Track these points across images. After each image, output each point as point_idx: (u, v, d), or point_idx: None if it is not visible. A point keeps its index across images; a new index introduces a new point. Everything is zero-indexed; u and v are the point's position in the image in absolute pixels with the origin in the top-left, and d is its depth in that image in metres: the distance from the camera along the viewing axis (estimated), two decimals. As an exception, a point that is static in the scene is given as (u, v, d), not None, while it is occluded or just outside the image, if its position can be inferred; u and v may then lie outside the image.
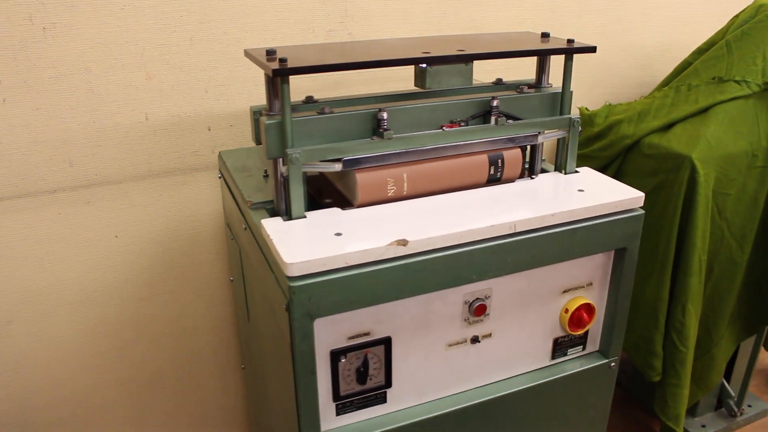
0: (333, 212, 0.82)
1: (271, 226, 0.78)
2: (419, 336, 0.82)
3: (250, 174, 1.00)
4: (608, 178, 0.95)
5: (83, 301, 1.21)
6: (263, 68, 0.77)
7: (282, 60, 0.75)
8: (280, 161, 0.80)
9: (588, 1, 1.45)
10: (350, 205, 0.85)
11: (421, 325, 0.82)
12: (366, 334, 0.79)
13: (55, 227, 1.14)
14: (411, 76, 0.90)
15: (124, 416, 1.33)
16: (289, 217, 0.81)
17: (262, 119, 0.79)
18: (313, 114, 0.81)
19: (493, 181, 0.91)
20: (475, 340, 0.86)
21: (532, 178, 0.95)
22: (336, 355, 0.77)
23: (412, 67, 0.89)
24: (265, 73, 0.79)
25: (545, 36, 0.96)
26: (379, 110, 0.82)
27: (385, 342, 0.80)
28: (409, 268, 0.74)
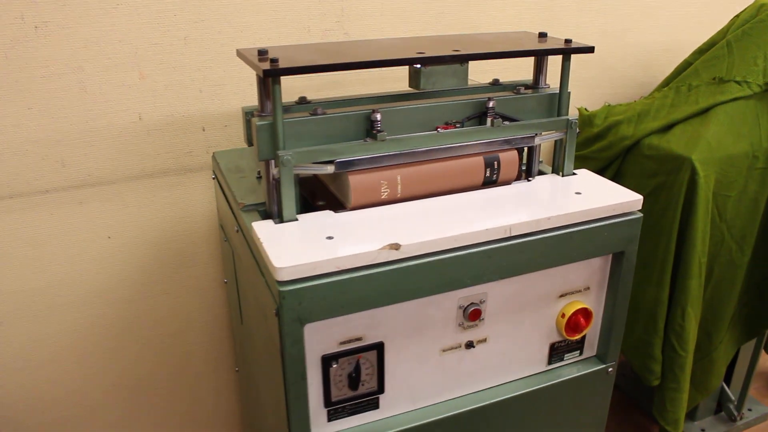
0: (325, 215, 0.81)
1: (262, 228, 0.77)
2: (413, 341, 0.81)
3: (244, 175, 0.98)
4: (606, 180, 0.93)
5: (75, 302, 1.20)
6: (254, 68, 0.76)
7: (273, 60, 0.74)
8: (272, 163, 0.79)
9: (587, 1, 1.43)
10: (343, 207, 0.84)
11: (415, 330, 0.80)
12: (358, 339, 0.77)
13: (48, 228, 1.13)
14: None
15: (116, 417, 1.32)
16: (280, 219, 0.80)
17: (254, 120, 0.78)
18: (305, 115, 0.80)
19: (488, 184, 0.90)
20: (470, 345, 0.85)
21: (529, 181, 0.93)
22: (327, 361, 0.76)
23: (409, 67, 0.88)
24: (257, 74, 0.78)
25: (543, 36, 0.94)
26: (372, 111, 0.81)
27: (378, 347, 0.78)
28: (401, 272, 0.73)
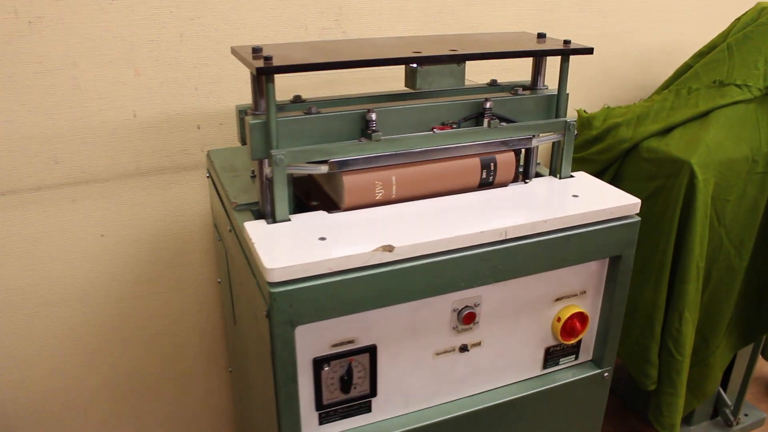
0: (319, 215, 0.80)
1: (254, 229, 0.76)
2: (406, 344, 0.80)
3: (238, 174, 0.97)
4: (604, 183, 0.92)
5: (68, 301, 1.19)
6: (248, 66, 0.75)
7: (267, 58, 0.73)
8: (265, 162, 0.78)
9: (588, 2, 1.42)
10: (337, 208, 0.83)
11: (408, 333, 0.79)
12: (350, 341, 0.76)
13: (40, 225, 1.12)
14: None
15: (108, 417, 1.31)
16: (273, 219, 0.79)
17: (247, 119, 0.77)
18: (299, 114, 0.79)
19: (485, 185, 0.89)
20: (464, 348, 0.84)
21: (526, 183, 0.92)
22: (319, 363, 0.75)
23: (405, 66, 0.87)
24: (250, 72, 0.77)
25: (541, 36, 0.93)
26: (368, 111, 0.80)
27: (370, 350, 0.77)
28: (394, 274, 0.72)
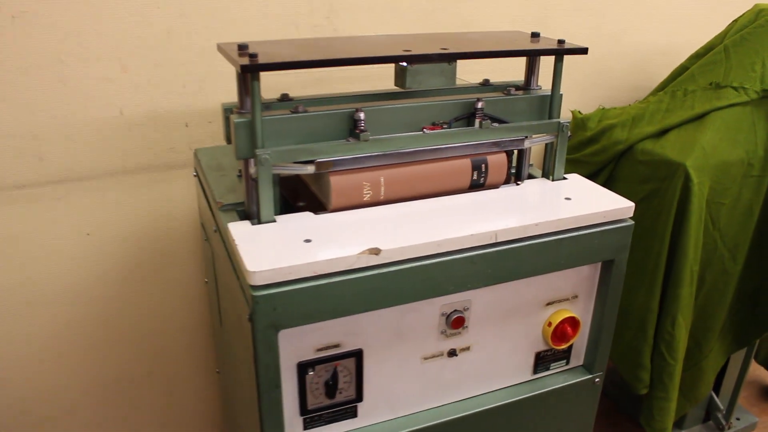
0: (305, 217, 0.78)
1: (238, 230, 0.74)
2: (393, 348, 0.78)
3: (224, 173, 0.96)
4: (597, 186, 0.91)
5: (53, 300, 1.17)
6: (233, 63, 0.73)
7: (252, 55, 0.71)
8: (251, 162, 0.76)
9: (584, 1, 1.40)
10: (324, 209, 0.81)
11: (395, 338, 0.78)
12: (336, 345, 0.75)
13: (24, 224, 1.10)
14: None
15: (94, 419, 1.29)
16: (258, 220, 0.77)
17: (232, 117, 0.75)
18: (286, 113, 0.77)
19: (475, 187, 0.87)
20: (452, 353, 0.82)
21: (518, 184, 0.91)
22: (303, 368, 0.73)
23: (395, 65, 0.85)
24: (236, 69, 0.75)
25: (535, 36, 0.92)
26: (356, 110, 0.78)
27: (356, 354, 0.76)
28: (381, 278, 0.70)
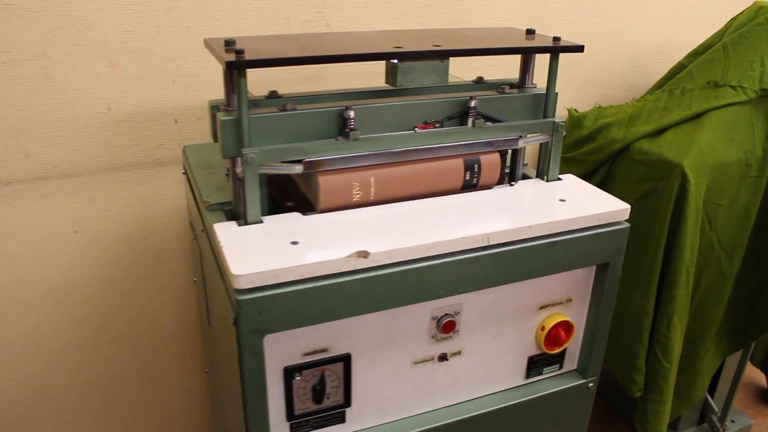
0: (292, 217, 0.76)
1: (223, 230, 0.72)
2: (382, 353, 0.76)
3: (213, 171, 0.93)
4: (593, 187, 0.89)
5: (40, 299, 1.15)
6: (219, 60, 0.71)
7: (239, 52, 0.69)
8: (237, 161, 0.74)
9: (581, -2, 1.39)
10: (313, 209, 0.79)
11: (385, 342, 0.76)
12: (323, 350, 0.73)
13: (10, 221, 1.08)
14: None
15: (83, 418, 1.27)
16: (245, 221, 0.75)
17: (219, 115, 0.73)
18: (273, 111, 0.75)
19: (468, 188, 0.85)
20: (443, 358, 0.80)
21: (512, 185, 0.89)
22: (290, 373, 0.72)
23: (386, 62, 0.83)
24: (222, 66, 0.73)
25: (530, 33, 0.90)
26: (346, 108, 0.76)
27: (344, 359, 0.74)
28: (369, 282, 0.68)
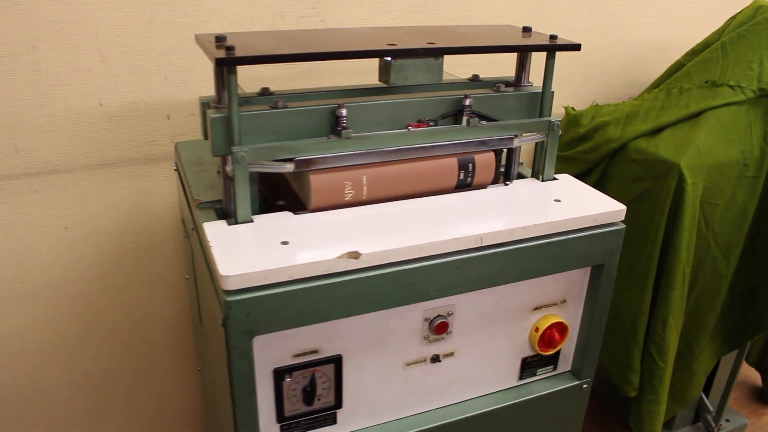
0: (283, 217, 0.75)
1: (213, 230, 0.71)
2: (374, 354, 0.76)
3: (204, 169, 0.92)
4: (588, 187, 0.88)
5: (30, 296, 1.14)
6: (208, 56, 0.69)
7: (229, 48, 0.68)
8: (228, 159, 0.73)
9: (579, -5, 1.37)
10: (304, 208, 0.78)
11: (376, 343, 0.75)
12: (314, 351, 0.72)
13: (-1, 217, 1.07)
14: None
15: (74, 416, 1.26)
16: (235, 220, 0.74)
17: (209, 112, 0.72)
18: (264, 108, 0.74)
19: (462, 187, 0.84)
20: (436, 359, 0.79)
21: (506, 185, 0.88)
22: (280, 374, 0.71)
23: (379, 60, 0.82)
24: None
25: (526, 30, 0.88)
26: (338, 106, 0.75)
27: (335, 360, 0.73)
28: (360, 283, 0.67)
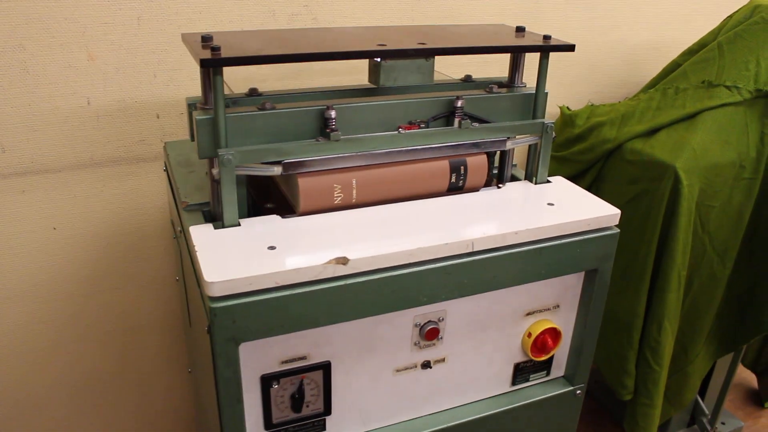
0: (271, 220, 0.74)
1: (199, 234, 0.70)
2: (363, 361, 0.74)
3: (193, 170, 0.91)
4: (582, 190, 0.86)
5: (18, 297, 1.12)
6: (194, 56, 0.68)
7: (215, 48, 0.66)
8: (215, 162, 0.71)
9: (575, -6, 1.36)
10: (293, 212, 0.76)
11: (366, 349, 0.74)
12: (302, 358, 0.71)
13: (-14, 217, 1.05)
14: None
15: (63, 419, 1.25)
16: (222, 224, 0.72)
17: (195, 113, 0.70)
18: (252, 110, 0.72)
19: (454, 190, 0.83)
20: (426, 365, 0.78)
21: (499, 188, 0.86)
22: (267, 381, 0.69)
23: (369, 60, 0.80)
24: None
25: (520, 30, 0.87)
26: (327, 108, 0.73)
27: (324, 367, 0.72)
28: (349, 289, 0.66)
